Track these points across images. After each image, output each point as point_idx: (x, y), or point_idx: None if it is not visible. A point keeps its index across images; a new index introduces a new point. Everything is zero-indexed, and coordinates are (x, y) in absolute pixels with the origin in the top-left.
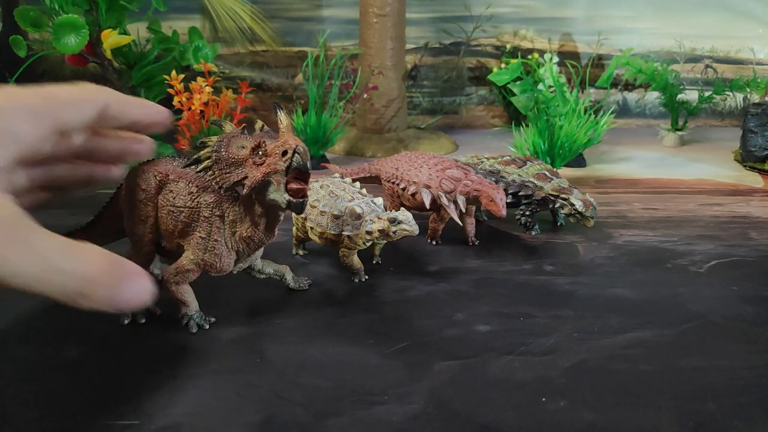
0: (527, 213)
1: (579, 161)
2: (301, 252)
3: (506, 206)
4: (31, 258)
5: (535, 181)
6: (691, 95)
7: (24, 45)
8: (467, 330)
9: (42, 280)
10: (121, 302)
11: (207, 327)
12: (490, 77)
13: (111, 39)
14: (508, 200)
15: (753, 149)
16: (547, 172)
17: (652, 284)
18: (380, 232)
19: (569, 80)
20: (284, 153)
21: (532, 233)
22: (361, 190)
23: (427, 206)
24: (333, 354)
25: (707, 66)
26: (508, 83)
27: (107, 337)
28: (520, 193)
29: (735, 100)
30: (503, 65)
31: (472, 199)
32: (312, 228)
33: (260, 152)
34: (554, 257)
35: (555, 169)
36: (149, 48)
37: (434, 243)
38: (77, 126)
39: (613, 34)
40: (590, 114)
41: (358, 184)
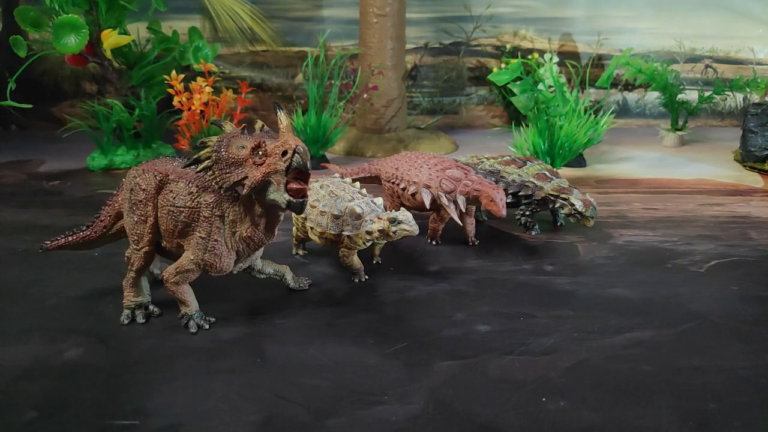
0: (527, 213)
1: (579, 161)
2: (301, 252)
3: (506, 206)
4: None
5: (535, 181)
6: (691, 95)
7: (24, 45)
8: (467, 330)
9: None
10: None
11: (207, 327)
12: (490, 77)
13: (111, 39)
14: (508, 200)
15: (753, 149)
16: (547, 172)
17: (652, 284)
18: (380, 232)
19: (569, 80)
20: (284, 153)
21: (532, 233)
22: (361, 190)
23: (427, 206)
24: (333, 354)
25: (707, 66)
26: (508, 83)
27: (107, 337)
28: (520, 193)
29: (735, 100)
30: (503, 65)
31: (472, 199)
32: (312, 228)
33: (260, 152)
34: (554, 257)
35: (555, 169)
36: (149, 48)
37: (434, 243)
38: None
39: (613, 34)
40: (590, 114)
41: (358, 184)
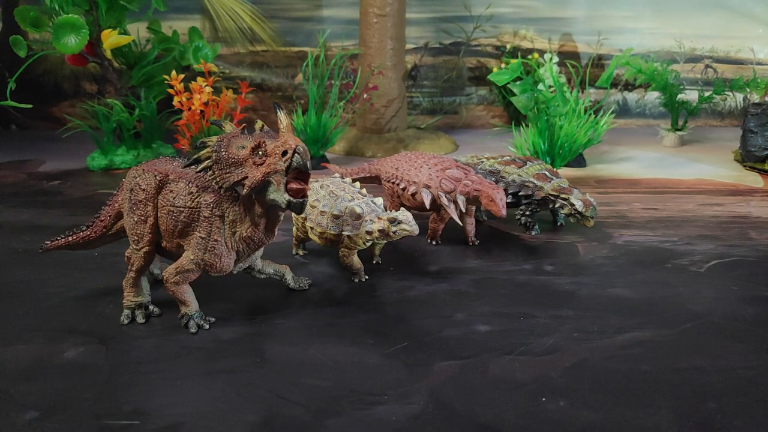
0: (527, 213)
1: (579, 161)
2: (301, 252)
3: (506, 206)
4: None
5: (535, 181)
6: (691, 95)
7: (24, 45)
8: (467, 330)
9: None
10: None
11: (207, 327)
12: (490, 77)
13: (111, 39)
14: (508, 200)
15: (753, 149)
16: (547, 172)
17: (652, 284)
18: (380, 232)
19: (569, 80)
20: (284, 153)
21: (532, 233)
22: (361, 190)
23: (427, 206)
24: (333, 354)
25: (707, 66)
26: (508, 83)
27: (107, 337)
28: (520, 193)
29: (735, 100)
30: (503, 65)
31: (472, 199)
32: (312, 228)
33: (260, 152)
34: (554, 257)
35: (555, 169)
36: (149, 48)
37: (434, 243)
38: None
39: (613, 34)
40: (590, 114)
41: (358, 184)
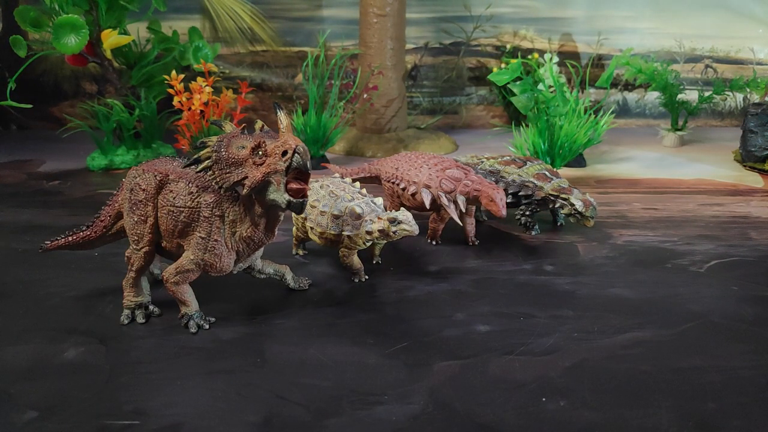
0: (527, 213)
1: (579, 161)
2: (301, 252)
3: (506, 206)
4: None
5: (535, 181)
6: (691, 95)
7: (24, 45)
8: (467, 330)
9: None
10: None
11: (207, 327)
12: (490, 77)
13: (111, 39)
14: (508, 200)
15: (753, 149)
16: (547, 172)
17: (652, 284)
18: (380, 232)
19: (569, 80)
20: (284, 153)
21: (532, 233)
22: (361, 190)
23: (427, 206)
24: (333, 354)
25: (707, 66)
26: (508, 83)
27: (107, 337)
28: (520, 193)
29: (735, 100)
30: (503, 65)
31: (472, 199)
32: (312, 228)
33: (260, 152)
34: (554, 257)
35: (555, 169)
36: (149, 48)
37: (434, 243)
38: None
39: (613, 34)
40: (590, 114)
41: (358, 184)
